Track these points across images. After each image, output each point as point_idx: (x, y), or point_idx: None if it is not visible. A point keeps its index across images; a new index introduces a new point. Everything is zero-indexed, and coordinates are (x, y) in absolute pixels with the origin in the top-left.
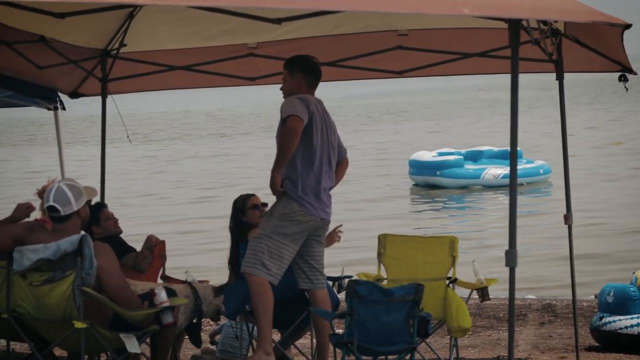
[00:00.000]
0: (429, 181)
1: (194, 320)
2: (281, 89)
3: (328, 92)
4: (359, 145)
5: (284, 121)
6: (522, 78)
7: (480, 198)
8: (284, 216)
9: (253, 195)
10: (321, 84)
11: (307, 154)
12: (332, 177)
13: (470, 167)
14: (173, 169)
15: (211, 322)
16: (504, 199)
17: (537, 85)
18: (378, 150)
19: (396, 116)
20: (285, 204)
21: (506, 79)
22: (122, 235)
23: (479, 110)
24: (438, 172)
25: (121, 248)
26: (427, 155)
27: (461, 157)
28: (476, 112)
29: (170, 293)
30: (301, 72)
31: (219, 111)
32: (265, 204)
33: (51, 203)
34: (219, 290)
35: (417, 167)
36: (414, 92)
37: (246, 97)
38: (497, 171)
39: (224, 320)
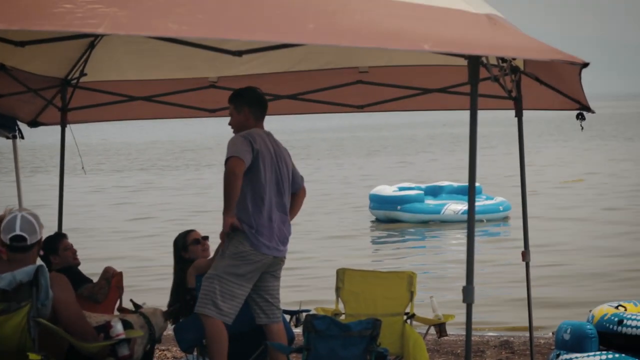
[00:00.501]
0: (390, 216)
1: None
2: (229, 123)
3: (289, 125)
4: (321, 178)
5: (226, 161)
6: (489, 114)
7: (440, 233)
8: (236, 255)
9: (192, 230)
10: (283, 117)
11: (256, 191)
12: (286, 210)
13: (430, 202)
14: (135, 200)
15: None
16: (463, 235)
17: (503, 122)
18: (340, 183)
19: (358, 150)
20: (237, 243)
21: (482, 114)
22: (80, 267)
23: (443, 146)
24: (399, 207)
25: (78, 279)
26: (387, 190)
27: (422, 192)
28: (440, 147)
29: (127, 325)
30: (247, 106)
31: (184, 142)
32: (206, 237)
33: (18, 232)
34: (167, 314)
35: (378, 202)
36: (378, 126)
37: (205, 129)
38: (458, 207)
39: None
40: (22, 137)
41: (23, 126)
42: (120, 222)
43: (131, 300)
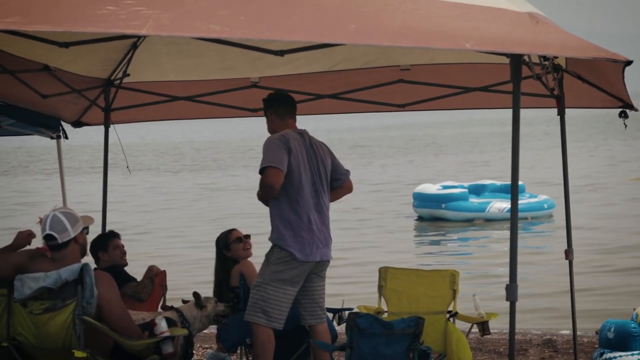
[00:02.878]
0: (434, 214)
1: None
2: (268, 131)
3: (332, 124)
4: (362, 177)
5: (260, 172)
6: (542, 112)
7: (485, 231)
8: (279, 261)
9: (234, 229)
10: (323, 116)
11: (292, 195)
12: (324, 210)
13: (475, 200)
14: (183, 200)
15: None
16: (507, 232)
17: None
18: (381, 182)
19: (397, 149)
20: (280, 250)
21: (523, 113)
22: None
23: (496, 143)
24: (443, 205)
25: (122, 278)
26: (431, 188)
27: (466, 190)
28: (490, 145)
29: (171, 323)
30: (269, 109)
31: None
32: (248, 236)
33: (48, 231)
34: (198, 303)
35: (422, 200)
36: (417, 124)
37: (246, 128)
38: (502, 205)
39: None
40: (67, 137)
41: (67, 126)
42: (169, 221)
43: (194, 293)
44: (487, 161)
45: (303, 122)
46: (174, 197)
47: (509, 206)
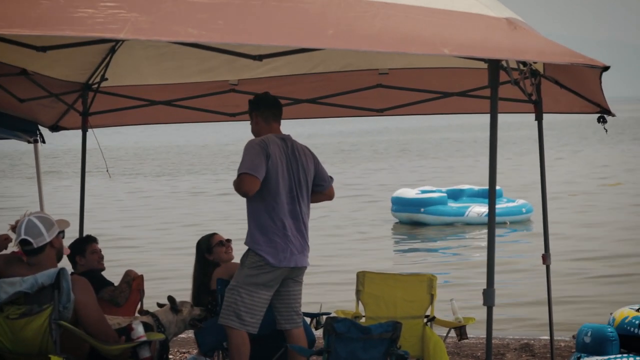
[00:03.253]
0: (413, 218)
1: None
2: (251, 132)
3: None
4: (339, 181)
5: (238, 175)
6: (523, 117)
7: (463, 236)
8: (254, 265)
9: (215, 233)
10: (301, 121)
11: (269, 201)
12: (301, 217)
13: (453, 204)
14: (162, 205)
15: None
16: (485, 237)
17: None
18: (357, 187)
19: (375, 154)
20: (253, 255)
21: (504, 117)
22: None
23: (474, 149)
24: (422, 209)
25: (99, 282)
26: (410, 193)
27: (445, 194)
28: (469, 150)
29: (148, 328)
30: (255, 111)
31: (202, 147)
32: (229, 240)
33: (23, 236)
34: (173, 308)
35: (401, 204)
36: (395, 129)
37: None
38: (481, 209)
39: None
40: (44, 142)
41: (44, 131)
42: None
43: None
44: (467, 166)
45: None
46: (152, 203)
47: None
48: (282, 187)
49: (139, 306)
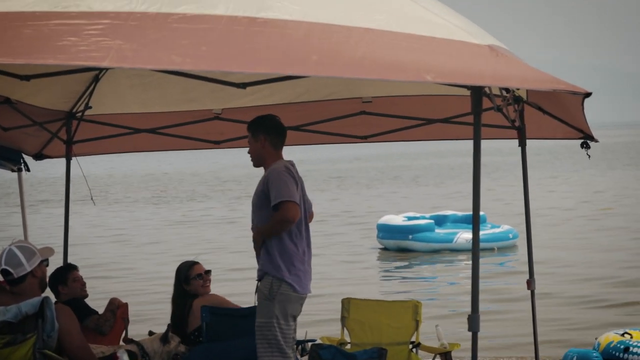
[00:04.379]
0: (400, 245)
1: None
2: (249, 152)
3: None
4: (323, 209)
5: (276, 205)
6: (510, 143)
7: (451, 262)
8: (283, 297)
9: (197, 263)
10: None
11: (294, 228)
12: (310, 241)
13: (441, 231)
14: (145, 233)
15: None
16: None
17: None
18: (342, 213)
19: (358, 180)
20: (279, 284)
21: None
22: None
23: (460, 174)
24: (410, 236)
25: (83, 311)
26: (397, 220)
27: (432, 221)
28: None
29: (133, 357)
30: (264, 134)
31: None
32: (208, 272)
33: (3, 266)
34: (163, 338)
35: (388, 231)
36: (378, 156)
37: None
38: (469, 235)
39: None
40: (28, 170)
41: (28, 159)
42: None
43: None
44: (453, 192)
45: None
46: (138, 231)
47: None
48: (302, 213)
49: (123, 334)
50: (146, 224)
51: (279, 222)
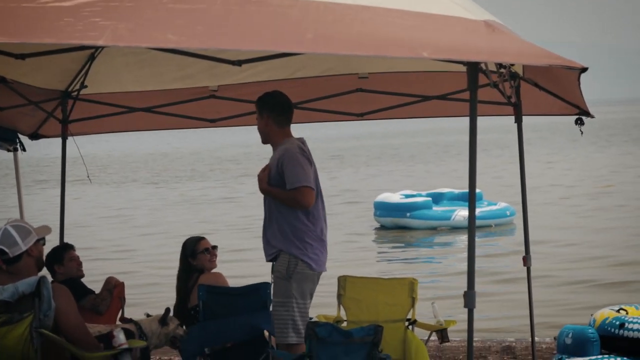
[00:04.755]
0: (398, 223)
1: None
2: (258, 129)
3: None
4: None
5: (295, 189)
6: (508, 120)
7: (448, 239)
8: (299, 276)
9: (203, 238)
10: None
11: (311, 209)
12: (326, 217)
13: (439, 208)
14: (143, 213)
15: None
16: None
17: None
18: (338, 192)
19: (355, 159)
20: (296, 262)
21: (482, 121)
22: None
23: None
24: (408, 214)
25: (80, 290)
26: (394, 197)
27: (429, 198)
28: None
29: (129, 335)
30: (267, 111)
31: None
32: (215, 247)
33: None
34: (163, 318)
35: (385, 209)
36: (374, 134)
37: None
38: (467, 213)
39: None
40: (24, 150)
41: (24, 139)
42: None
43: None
44: (453, 170)
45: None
46: (136, 211)
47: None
48: (318, 193)
49: (120, 314)
50: (144, 204)
51: (293, 202)
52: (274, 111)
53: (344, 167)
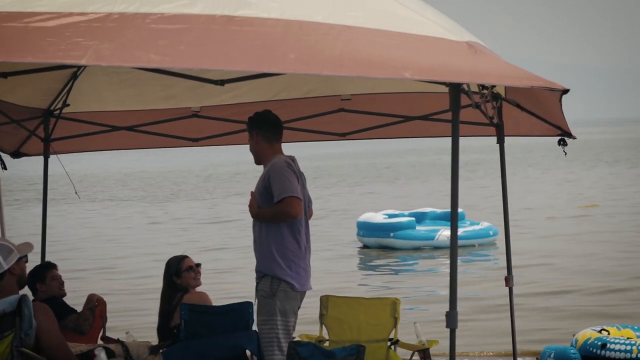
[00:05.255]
0: (381, 243)
1: None
2: (250, 149)
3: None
4: None
5: (280, 202)
6: (473, 141)
7: (431, 259)
8: (283, 294)
9: (186, 256)
10: None
11: (296, 224)
12: (309, 237)
13: (422, 228)
14: (127, 232)
15: None
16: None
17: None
18: (320, 211)
19: (336, 179)
20: (279, 282)
21: (469, 141)
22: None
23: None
24: (391, 234)
25: (62, 310)
26: (377, 217)
27: (413, 218)
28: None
29: (110, 354)
30: (255, 129)
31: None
32: (199, 265)
33: None
34: (155, 349)
35: (368, 229)
36: (356, 154)
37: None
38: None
39: None
40: (5, 168)
41: (6, 157)
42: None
43: (127, 333)
44: (437, 190)
45: (240, 151)
46: (120, 231)
47: (459, 234)
48: (305, 208)
49: (101, 332)
50: (127, 223)
51: (281, 214)
52: (262, 128)
53: (326, 187)
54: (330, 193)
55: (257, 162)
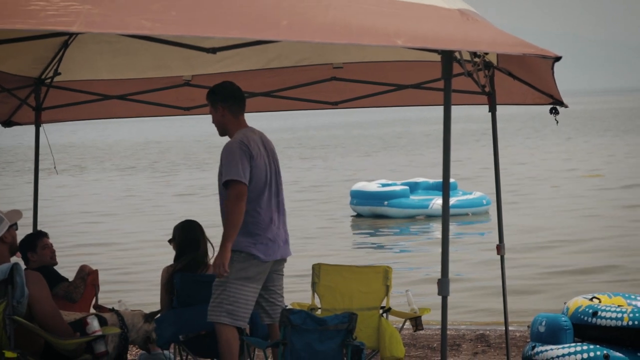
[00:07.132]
0: (375, 211)
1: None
2: (212, 122)
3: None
4: (294, 177)
5: (225, 184)
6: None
7: (425, 228)
8: (243, 260)
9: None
10: (256, 115)
11: (256, 198)
12: (283, 209)
13: (416, 197)
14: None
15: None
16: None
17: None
18: (313, 181)
19: (330, 149)
20: (240, 253)
21: (459, 111)
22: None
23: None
24: (385, 203)
25: (53, 278)
26: (371, 186)
27: (407, 187)
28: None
29: (103, 322)
30: (220, 102)
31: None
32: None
33: None
34: (149, 316)
35: (362, 198)
36: (350, 124)
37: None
38: None
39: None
40: None
41: None
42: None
43: (119, 301)
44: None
45: None
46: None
47: (453, 202)
48: (267, 182)
49: (94, 301)
50: (121, 194)
51: (231, 203)
52: (227, 101)
53: (318, 157)
54: (323, 163)
55: (222, 134)
